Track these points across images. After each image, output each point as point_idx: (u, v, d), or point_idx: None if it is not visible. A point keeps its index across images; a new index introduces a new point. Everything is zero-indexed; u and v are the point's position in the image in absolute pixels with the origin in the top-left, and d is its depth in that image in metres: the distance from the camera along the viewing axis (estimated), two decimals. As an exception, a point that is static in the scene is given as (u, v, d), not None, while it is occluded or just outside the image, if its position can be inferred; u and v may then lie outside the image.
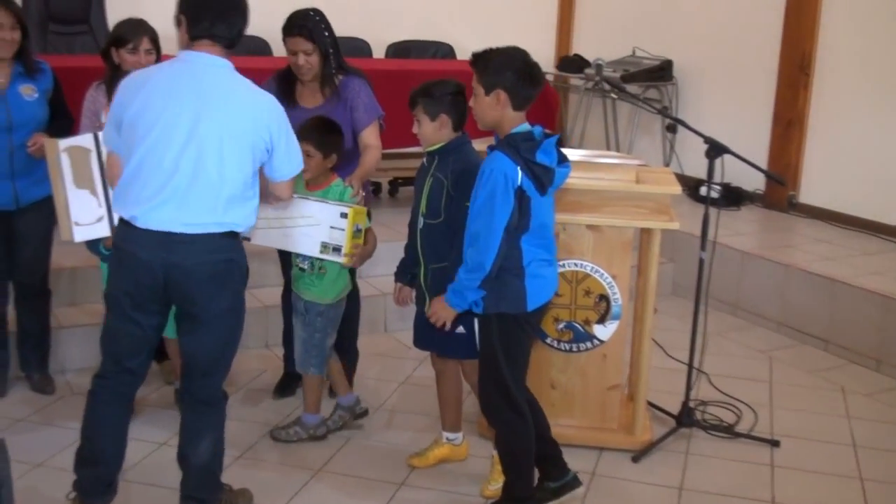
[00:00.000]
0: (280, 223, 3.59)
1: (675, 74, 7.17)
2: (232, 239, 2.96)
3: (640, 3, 7.60)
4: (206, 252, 2.89)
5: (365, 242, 3.63)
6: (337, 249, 3.57)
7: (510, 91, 3.01)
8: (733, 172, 4.09)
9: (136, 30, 3.80)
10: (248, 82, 2.97)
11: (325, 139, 3.64)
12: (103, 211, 3.55)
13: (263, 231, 3.61)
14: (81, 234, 3.60)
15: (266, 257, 4.14)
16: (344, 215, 3.54)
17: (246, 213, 2.96)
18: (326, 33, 3.82)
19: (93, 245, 3.77)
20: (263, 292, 4.79)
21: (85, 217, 3.56)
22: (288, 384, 4.23)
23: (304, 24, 3.77)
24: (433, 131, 3.35)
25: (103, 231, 3.58)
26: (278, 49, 6.59)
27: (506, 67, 3.01)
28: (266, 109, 2.95)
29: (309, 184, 3.69)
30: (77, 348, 4.32)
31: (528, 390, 3.32)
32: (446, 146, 3.36)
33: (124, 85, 2.96)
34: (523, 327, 3.15)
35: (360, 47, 7.08)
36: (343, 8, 6.89)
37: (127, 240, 2.92)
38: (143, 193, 2.85)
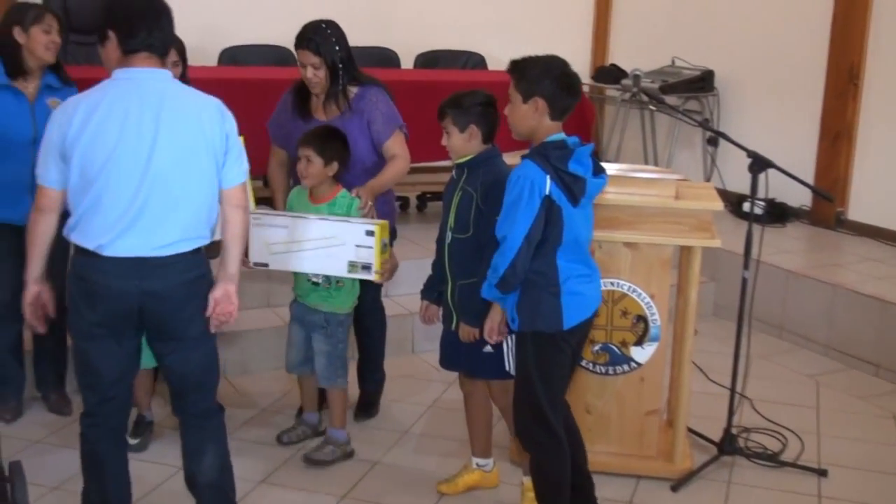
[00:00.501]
0: (300, 246, 3.63)
1: (717, 85, 7.15)
2: (199, 254, 2.97)
3: (680, 11, 7.59)
4: (180, 272, 2.90)
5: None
6: (366, 267, 3.60)
7: (549, 100, 3.04)
8: (778, 187, 4.08)
9: None
10: (192, 90, 2.98)
11: (326, 145, 3.70)
12: None
13: (283, 255, 3.65)
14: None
15: (281, 274, 4.15)
16: (370, 233, 3.57)
17: (212, 224, 2.98)
18: (337, 47, 3.84)
19: None
20: (282, 311, 4.82)
21: None
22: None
23: (311, 38, 3.82)
24: (462, 143, 3.38)
25: None
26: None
27: (545, 76, 3.05)
28: (218, 114, 2.94)
29: (313, 194, 3.73)
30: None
31: (571, 416, 3.32)
32: (475, 158, 3.38)
33: (64, 113, 2.85)
34: (560, 346, 3.14)
35: (387, 57, 7.13)
36: (370, 17, 6.98)
37: (94, 270, 2.86)
38: (106, 221, 2.82)
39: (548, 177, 2.99)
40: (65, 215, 2.92)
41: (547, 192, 2.98)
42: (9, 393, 4.08)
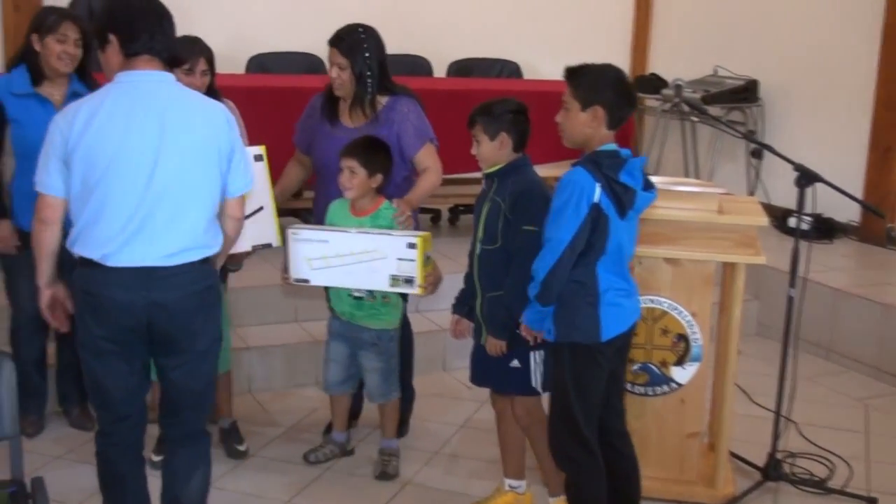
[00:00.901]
0: (341, 261, 3.65)
1: (761, 95, 7.12)
2: (208, 264, 2.97)
3: (723, 19, 7.57)
4: (188, 283, 2.90)
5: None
6: (409, 281, 3.62)
7: (608, 109, 3.07)
8: (825, 202, 4.05)
9: (192, 49, 3.86)
10: (197, 94, 3.01)
11: (371, 157, 3.71)
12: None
13: (324, 271, 3.67)
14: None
15: (309, 289, 4.17)
16: (412, 245, 3.59)
17: (217, 232, 2.99)
18: (367, 53, 3.86)
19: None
20: (310, 326, 4.85)
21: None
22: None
23: (343, 38, 3.85)
24: (492, 152, 3.39)
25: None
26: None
27: (606, 84, 3.09)
28: (223, 119, 2.96)
29: (354, 206, 3.75)
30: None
31: (629, 444, 3.36)
32: (505, 168, 3.40)
33: (65, 117, 2.85)
34: (597, 359, 3.15)
35: (420, 65, 7.17)
36: (402, 24, 6.99)
37: (99, 283, 2.85)
38: (111, 229, 2.81)
39: (598, 185, 3.02)
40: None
41: (595, 199, 3.01)
42: (31, 407, 4.12)
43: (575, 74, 3.13)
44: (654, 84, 7.61)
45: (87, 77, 3.98)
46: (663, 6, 8.21)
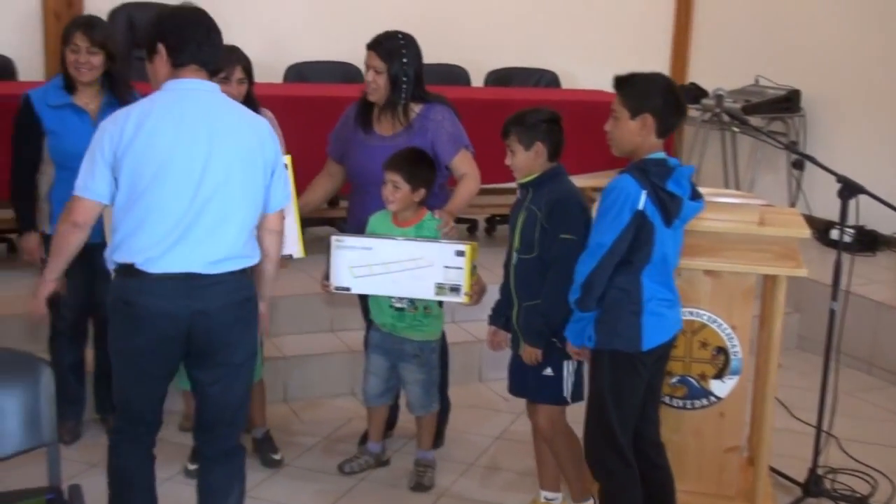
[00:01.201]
0: (386, 268, 3.65)
1: (803, 105, 7.06)
2: (247, 275, 3.00)
3: (764, 28, 7.52)
4: (230, 293, 2.93)
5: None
6: (455, 289, 3.62)
7: (657, 117, 3.08)
8: (868, 214, 4.01)
9: (228, 58, 3.89)
10: (241, 105, 3.07)
11: (415, 171, 3.71)
12: None
13: (367, 279, 3.67)
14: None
15: (344, 298, 4.18)
16: (461, 253, 3.60)
17: (255, 245, 3.03)
18: (405, 59, 3.87)
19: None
20: (346, 335, 4.86)
21: None
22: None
23: (382, 42, 3.88)
24: (528, 161, 3.41)
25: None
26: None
27: (655, 92, 3.11)
28: (267, 133, 3.01)
29: (398, 217, 3.75)
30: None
31: (663, 455, 3.36)
32: (540, 177, 3.41)
33: (115, 123, 2.88)
34: (636, 368, 3.16)
35: (457, 75, 7.17)
36: (439, 33, 7.00)
37: (140, 292, 2.87)
38: (155, 234, 2.84)
39: (644, 192, 3.03)
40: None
41: (640, 207, 3.02)
42: (69, 413, 4.15)
43: (624, 83, 3.14)
44: (694, 94, 7.56)
45: (116, 86, 3.97)
46: (704, 15, 8.17)
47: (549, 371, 3.43)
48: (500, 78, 7.39)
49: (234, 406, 3.09)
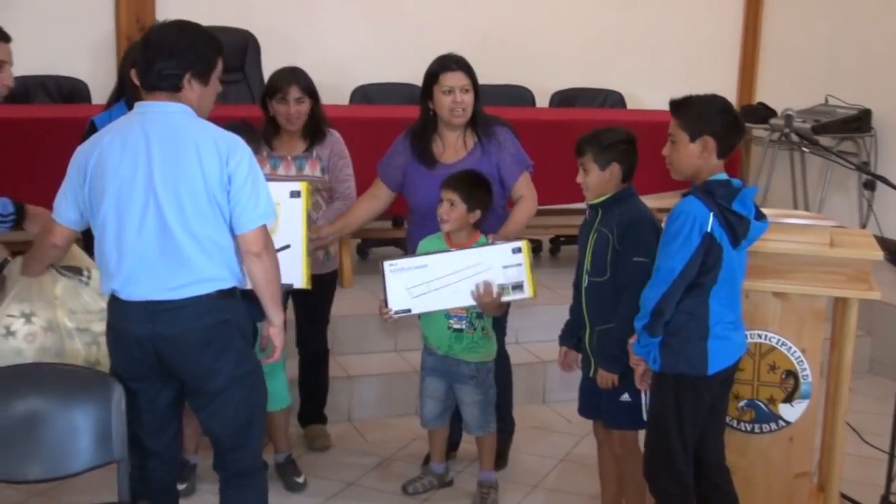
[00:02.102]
0: (444, 282, 3.65)
1: (874, 125, 6.95)
2: (224, 298, 2.89)
3: (834, 47, 7.42)
4: (194, 317, 2.85)
5: None
6: (518, 287, 3.63)
7: (717, 138, 3.07)
8: (943, 236, 3.93)
9: (286, 78, 3.95)
10: (204, 124, 2.92)
11: (473, 192, 3.72)
12: None
13: (425, 296, 3.67)
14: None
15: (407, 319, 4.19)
16: (517, 250, 3.62)
17: (229, 267, 2.90)
18: (476, 78, 3.92)
19: None
20: (409, 355, 4.87)
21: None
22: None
23: (459, 60, 3.89)
24: (602, 182, 3.39)
25: None
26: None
27: (713, 114, 3.09)
28: (224, 148, 2.85)
29: (451, 239, 3.76)
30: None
31: (726, 470, 3.33)
32: (612, 198, 3.39)
33: (81, 147, 2.95)
34: (701, 392, 3.15)
35: (522, 95, 7.17)
36: (504, 54, 7.05)
37: (117, 315, 2.92)
38: (117, 263, 2.85)
39: (711, 214, 3.01)
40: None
41: (709, 229, 3.01)
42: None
43: (681, 106, 3.13)
44: (762, 113, 7.50)
45: None
46: (772, 34, 8.09)
47: (626, 397, 3.40)
48: (564, 98, 7.38)
49: (229, 432, 3.00)
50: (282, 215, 3.48)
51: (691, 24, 8.03)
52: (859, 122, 6.92)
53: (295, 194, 3.63)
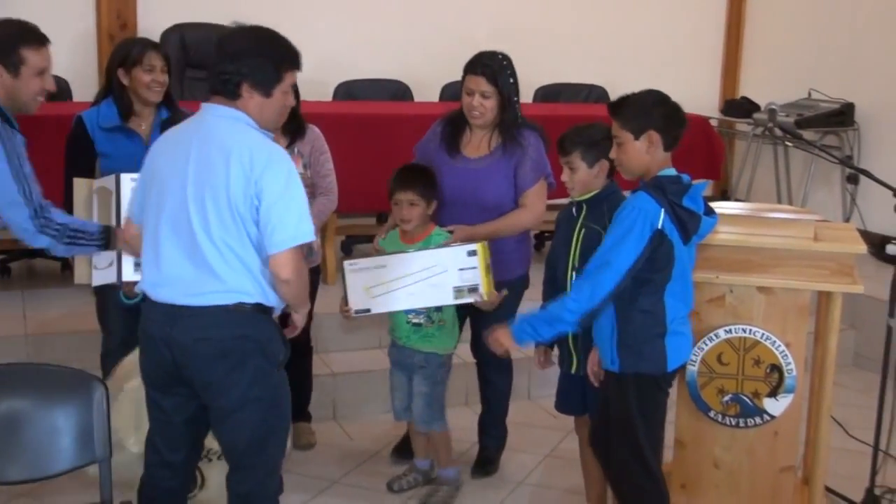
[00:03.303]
0: (401, 283, 3.65)
1: (857, 119, 6.97)
2: (245, 313, 2.79)
3: (816, 41, 7.44)
4: (211, 327, 2.77)
5: None
6: (473, 290, 3.62)
7: (661, 131, 3.08)
8: (926, 229, 3.95)
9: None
10: (250, 134, 2.81)
11: (427, 188, 3.76)
12: (114, 256, 3.47)
13: (385, 296, 3.67)
14: (98, 279, 3.57)
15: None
16: (472, 253, 3.60)
17: (256, 282, 2.80)
18: (511, 80, 3.87)
19: (110, 292, 3.77)
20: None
21: (101, 261, 3.51)
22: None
23: (488, 64, 3.84)
24: (589, 178, 3.40)
25: (112, 277, 3.52)
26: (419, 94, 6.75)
27: (652, 108, 3.10)
28: (257, 161, 2.73)
29: (406, 235, 3.78)
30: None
31: None
32: (599, 194, 3.38)
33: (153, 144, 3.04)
34: (662, 388, 3.19)
35: (506, 91, 7.15)
36: (488, 49, 7.03)
37: (144, 315, 2.90)
38: (151, 263, 2.85)
39: (662, 210, 3.00)
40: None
41: (659, 225, 3.00)
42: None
43: (619, 107, 3.15)
44: (746, 108, 7.52)
45: (173, 105, 4.02)
46: (755, 29, 8.11)
47: None
48: (548, 93, 7.38)
49: (239, 452, 2.91)
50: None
51: (675, 19, 8.04)
52: (842, 116, 6.94)
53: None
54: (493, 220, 3.86)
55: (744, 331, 3.55)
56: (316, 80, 5.70)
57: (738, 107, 7.62)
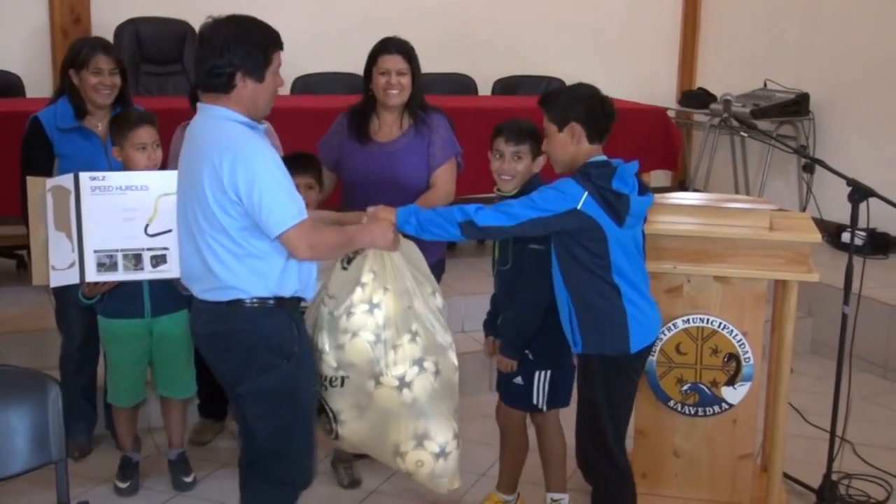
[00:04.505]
0: None
1: (812, 109, 7.04)
2: (242, 309, 2.86)
3: (773, 32, 7.50)
4: (208, 322, 2.94)
5: None
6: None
7: (584, 122, 3.10)
8: (879, 217, 3.97)
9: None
10: (227, 132, 2.84)
11: (319, 170, 3.85)
12: (75, 256, 3.46)
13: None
14: (57, 279, 3.53)
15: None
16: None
17: (263, 277, 2.85)
18: (418, 63, 3.94)
19: (69, 293, 3.76)
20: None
21: (60, 261, 3.49)
22: None
23: (403, 45, 3.91)
24: (527, 172, 3.43)
25: (74, 278, 3.50)
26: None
27: (576, 101, 3.14)
28: (226, 160, 2.77)
29: None
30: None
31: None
32: (522, 189, 3.41)
33: None
34: (628, 373, 3.19)
35: (464, 84, 7.15)
36: (446, 42, 7.02)
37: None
38: (182, 258, 3.05)
39: (585, 193, 3.00)
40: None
41: (578, 206, 3.00)
42: (80, 430, 4.14)
43: (546, 101, 3.21)
44: (703, 99, 7.56)
45: (129, 105, 3.98)
46: (711, 20, 8.16)
47: (518, 380, 3.52)
48: (507, 86, 7.38)
49: (256, 442, 2.99)
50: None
51: (632, 11, 8.07)
52: (797, 106, 7.00)
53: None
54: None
55: (701, 320, 3.58)
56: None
57: (696, 98, 7.66)
